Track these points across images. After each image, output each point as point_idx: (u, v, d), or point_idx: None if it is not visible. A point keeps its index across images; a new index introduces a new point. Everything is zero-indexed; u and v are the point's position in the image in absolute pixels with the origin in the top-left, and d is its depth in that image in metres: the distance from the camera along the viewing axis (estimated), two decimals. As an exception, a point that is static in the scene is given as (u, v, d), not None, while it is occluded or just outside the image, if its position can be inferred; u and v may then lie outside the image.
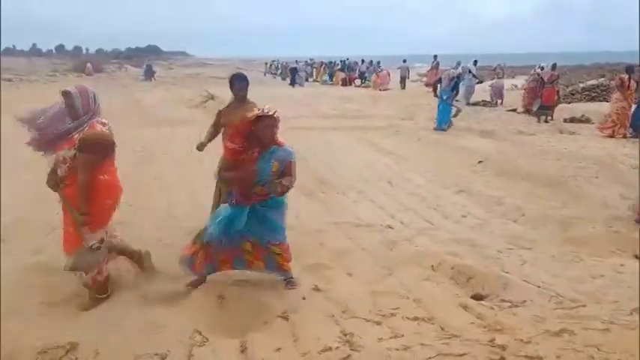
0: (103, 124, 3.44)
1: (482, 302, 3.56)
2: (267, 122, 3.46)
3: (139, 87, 25.43)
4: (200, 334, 3.13)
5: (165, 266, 4.12)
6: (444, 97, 11.70)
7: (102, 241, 3.44)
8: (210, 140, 4.94)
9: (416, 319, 3.30)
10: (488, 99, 17.57)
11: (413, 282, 3.89)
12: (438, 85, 12.29)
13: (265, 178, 3.55)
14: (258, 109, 3.50)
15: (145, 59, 60.51)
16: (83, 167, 3.29)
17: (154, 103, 17.49)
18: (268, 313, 3.44)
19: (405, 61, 26.19)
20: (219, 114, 4.89)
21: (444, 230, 5.18)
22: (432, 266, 4.20)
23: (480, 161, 8.21)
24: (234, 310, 3.50)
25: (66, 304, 3.56)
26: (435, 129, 11.68)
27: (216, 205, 4.62)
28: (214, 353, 2.93)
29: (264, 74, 39.80)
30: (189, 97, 18.32)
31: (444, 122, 11.62)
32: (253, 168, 3.52)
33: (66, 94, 3.32)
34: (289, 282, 3.84)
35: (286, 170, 3.66)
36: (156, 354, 2.90)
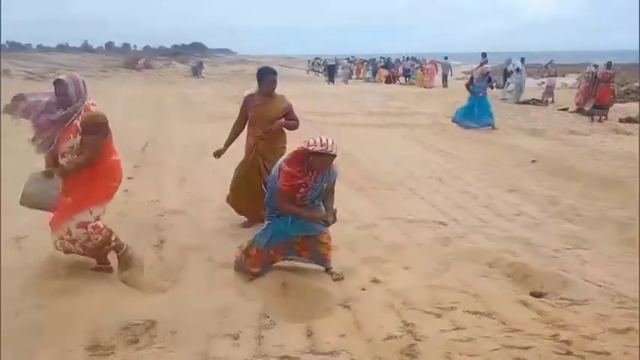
0: (94, 105, 3.60)
1: (542, 299, 3.58)
2: (327, 159, 3.53)
3: (187, 83, 26.11)
4: (268, 317, 3.30)
5: (225, 255, 4.33)
6: (479, 92, 11.55)
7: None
8: (230, 144, 4.96)
9: (476, 313, 3.37)
10: (537, 97, 17.19)
11: (470, 278, 3.94)
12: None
13: (315, 195, 3.72)
14: (313, 142, 3.47)
15: (190, 56, 61.99)
16: (91, 147, 3.51)
17: (202, 98, 17.95)
18: (330, 301, 3.57)
19: (446, 58, 25.88)
20: (245, 109, 4.89)
21: (497, 228, 5.19)
22: (488, 263, 4.23)
23: (534, 160, 8.12)
24: (297, 297, 3.66)
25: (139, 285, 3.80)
26: (454, 121, 11.85)
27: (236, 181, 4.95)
28: (282, 336, 3.08)
29: (307, 72, 40.10)
30: (235, 94, 18.68)
31: (484, 119, 11.49)
32: (319, 215, 3.70)
33: (59, 82, 3.45)
34: (332, 272, 3.96)
35: (331, 187, 3.84)
36: (228, 334, 3.08)
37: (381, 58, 33.75)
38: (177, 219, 5.20)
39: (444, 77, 24.48)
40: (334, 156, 3.51)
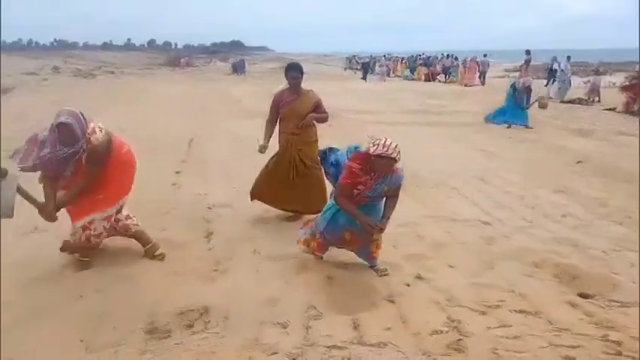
0: (94, 131, 3.59)
1: (591, 300, 3.54)
2: (387, 162, 3.54)
3: (227, 81, 26.58)
4: (315, 308, 3.40)
5: (271, 247, 4.45)
6: (518, 101, 11.45)
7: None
8: (270, 139, 5.08)
9: (522, 312, 3.37)
10: (582, 96, 16.70)
11: (515, 277, 3.93)
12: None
13: (375, 195, 3.76)
14: (375, 143, 3.52)
15: (230, 54, 62.99)
16: (91, 176, 3.63)
17: (242, 96, 18.25)
18: (375, 295, 3.64)
19: (485, 55, 25.40)
20: (276, 106, 5.00)
21: (543, 229, 5.12)
22: (535, 263, 4.20)
23: (579, 161, 7.93)
24: (342, 290, 3.74)
25: (191, 274, 3.97)
26: (489, 119, 11.77)
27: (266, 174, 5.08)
28: (329, 327, 3.17)
29: (344, 69, 40.11)
30: (274, 91, 18.88)
31: (522, 119, 11.41)
32: (369, 222, 3.71)
33: (64, 125, 3.39)
34: (377, 269, 4.01)
35: (393, 192, 3.82)
36: (277, 323, 3.20)
37: (419, 55, 33.40)
38: (224, 212, 5.36)
39: (482, 74, 24.08)
40: (395, 160, 3.52)
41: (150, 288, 3.60)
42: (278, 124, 5.07)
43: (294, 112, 4.92)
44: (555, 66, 17.71)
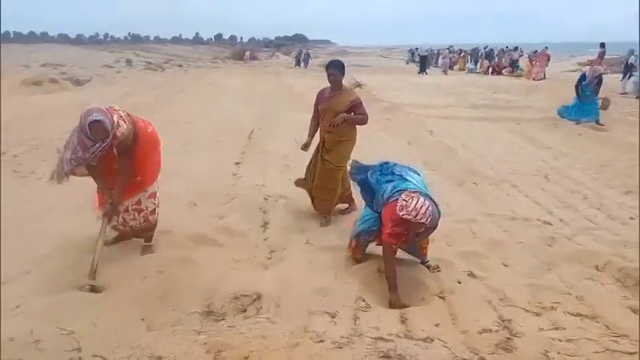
0: (120, 117, 3.66)
1: (656, 307, 3.36)
2: (415, 226, 3.33)
3: (289, 74, 26.92)
4: (364, 300, 3.45)
5: (324, 239, 4.53)
6: (587, 93, 10.77)
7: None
8: (313, 136, 5.03)
9: (579, 315, 3.27)
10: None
11: (575, 279, 3.79)
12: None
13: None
14: (404, 205, 3.30)
15: (292, 47, 63.71)
16: (127, 169, 3.76)
17: (304, 89, 18.43)
18: (425, 291, 3.64)
19: (546, 48, 24.19)
20: (317, 102, 4.95)
21: (608, 231, 4.88)
22: (596, 266, 4.03)
23: (653, 161, 7.44)
24: (392, 284, 3.76)
25: (247, 261, 4.14)
26: (560, 115, 11.20)
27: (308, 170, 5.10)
28: (378, 319, 3.21)
29: (407, 62, 39.47)
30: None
31: (591, 115, 10.80)
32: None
33: (97, 122, 3.47)
34: (429, 265, 3.98)
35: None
36: (327, 312, 3.28)
37: (484, 47, 32.31)
38: (280, 203, 5.50)
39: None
40: (424, 225, 3.31)
41: (208, 273, 3.78)
42: (319, 121, 5.00)
43: (330, 110, 4.80)
44: (632, 60, 16.61)
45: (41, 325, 3.02)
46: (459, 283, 3.77)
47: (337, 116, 4.71)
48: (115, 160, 3.78)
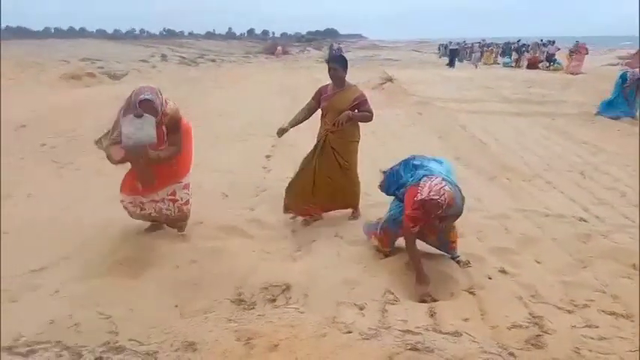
0: (167, 101, 3.86)
1: (695, 308, 3.25)
2: (434, 206, 3.30)
3: (320, 68, 26.88)
4: (392, 293, 3.45)
5: (353, 233, 4.54)
6: (632, 96, 10.47)
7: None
8: (294, 125, 4.66)
9: (613, 313, 3.19)
10: None
11: (610, 277, 3.69)
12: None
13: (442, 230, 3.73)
14: (421, 187, 3.34)
15: (324, 42, 63.67)
16: (177, 142, 3.90)
17: (334, 83, 18.41)
18: (454, 285, 3.61)
19: (577, 42, 23.45)
20: (317, 97, 4.65)
21: (647, 229, 4.74)
22: (633, 265, 3.91)
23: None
24: (421, 278, 3.75)
25: (277, 252, 4.20)
26: (598, 113, 10.83)
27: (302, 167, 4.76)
28: (406, 312, 3.21)
29: (439, 56, 38.95)
30: (367, 79, 18.89)
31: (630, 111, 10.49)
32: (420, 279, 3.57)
33: (147, 101, 3.61)
34: (459, 260, 3.94)
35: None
36: (355, 304, 3.30)
37: (518, 41, 31.63)
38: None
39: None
40: (440, 204, 3.26)
41: (239, 263, 3.85)
42: (320, 118, 4.70)
43: (333, 107, 4.53)
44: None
45: (80, 309, 3.15)
46: (490, 278, 3.73)
47: (341, 114, 4.46)
48: (161, 140, 3.87)
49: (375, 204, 5.27)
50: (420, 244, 4.08)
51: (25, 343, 2.80)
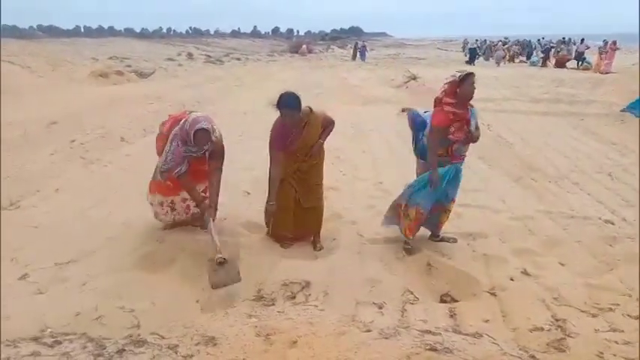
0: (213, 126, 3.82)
1: None
2: (472, 80, 3.70)
3: (344, 67, 26.85)
4: (412, 293, 3.45)
5: (374, 231, 4.54)
6: None
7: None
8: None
9: (638, 317, 3.11)
10: None
11: (635, 281, 3.60)
12: None
13: (473, 129, 3.83)
14: (455, 75, 3.72)
15: (348, 40, 63.52)
16: (220, 169, 3.99)
17: (358, 82, 18.38)
18: (476, 286, 3.59)
19: (605, 41, 22.84)
20: (280, 146, 3.95)
21: (676, 232, 4.61)
22: (661, 268, 3.82)
23: None
24: (442, 278, 3.74)
25: (297, 249, 4.22)
26: (624, 110, 10.66)
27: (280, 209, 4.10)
28: (425, 312, 3.21)
29: (465, 54, 38.43)
30: (391, 77, 18.79)
31: None
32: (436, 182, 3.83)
33: (205, 131, 3.65)
34: (443, 238, 4.23)
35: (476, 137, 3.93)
36: (374, 303, 3.31)
37: (542, 39, 31.08)
38: (331, 195, 5.53)
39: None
40: (474, 74, 3.71)
41: (260, 260, 3.90)
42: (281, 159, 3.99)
43: (306, 146, 4.02)
44: None
45: (105, 301, 3.24)
46: (512, 280, 3.69)
47: (315, 147, 4.02)
48: (204, 162, 3.98)
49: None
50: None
51: (50, 334, 2.88)
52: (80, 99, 12.36)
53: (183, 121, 3.81)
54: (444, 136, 3.76)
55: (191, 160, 3.89)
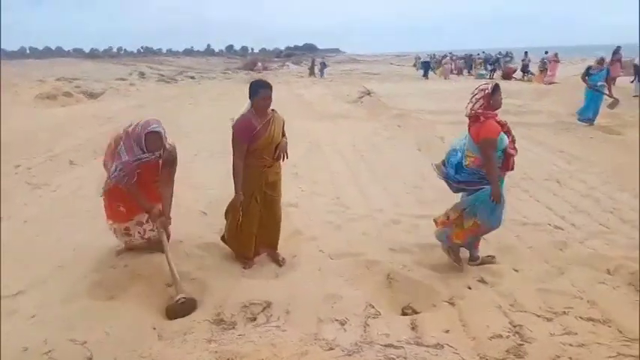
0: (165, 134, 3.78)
1: (669, 312, 3.31)
2: (500, 91, 3.81)
3: (300, 84, 27.02)
4: (373, 307, 3.45)
5: (334, 247, 4.54)
6: (597, 82, 10.82)
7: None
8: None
9: (590, 319, 3.23)
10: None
11: (586, 284, 3.75)
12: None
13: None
14: (482, 88, 3.85)
15: (303, 57, 64.12)
16: (173, 177, 3.97)
17: (314, 98, 18.51)
18: (436, 297, 3.63)
19: (547, 52, 24.11)
20: (244, 139, 3.87)
21: (621, 235, 4.83)
22: (608, 270, 3.98)
23: (667, 164, 7.33)
24: (402, 290, 3.77)
25: (257, 269, 4.16)
26: (579, 120, 11.20)
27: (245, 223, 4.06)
28: (388, 326, 3.21)
29: (417, 69, 39.48)
30: (346, 93, 19.04)
31: (590, 112, 10.94)
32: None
33: (156, 133, 3.61)
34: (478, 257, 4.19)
35: None
36: (336, 320, 3.29)
37: (481, 53, 32.54)
38: (291, 211, 5.50)
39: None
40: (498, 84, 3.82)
41: (220, 282, 3.81)
42: (246, 160, 3.86)
43: (273, 142, 3.92)
44: (637, 61, 16.43)
45: (55, 334, 3.08)
46: (469, 288, 3.76)
47: (281, 144, 3.98)
48: (155, 173, 3.87)
49: (357, 218, 5.31)
50: (402, 253, 4.11)
51: (-3, 372, 2.71)
52: (26, 122, 11.88)
53: (135, 124, 3.70)
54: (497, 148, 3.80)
55: (142, 166, 3.74)
